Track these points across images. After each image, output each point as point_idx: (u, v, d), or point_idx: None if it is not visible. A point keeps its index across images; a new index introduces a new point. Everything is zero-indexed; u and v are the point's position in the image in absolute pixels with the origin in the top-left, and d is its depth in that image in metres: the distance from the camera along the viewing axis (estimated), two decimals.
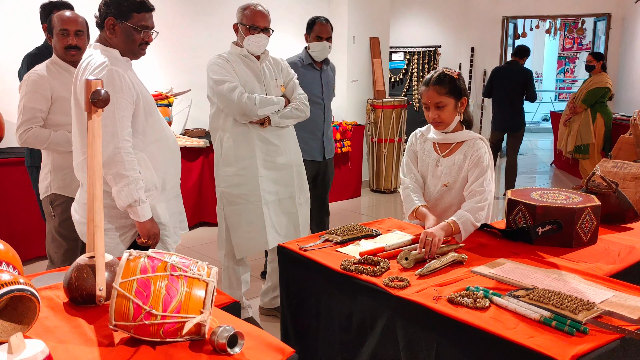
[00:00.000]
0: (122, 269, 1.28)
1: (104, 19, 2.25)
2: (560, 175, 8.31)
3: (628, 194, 2.61)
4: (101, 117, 2.09)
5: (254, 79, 3.10)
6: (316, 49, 3.91)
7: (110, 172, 2.18)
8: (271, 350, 1.32)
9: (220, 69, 3.01)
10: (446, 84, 2.41)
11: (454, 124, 2.49)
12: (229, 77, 3.00)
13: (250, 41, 3.03)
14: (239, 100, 2.95)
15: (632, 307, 1.65)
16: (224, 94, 2.97)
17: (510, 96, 6.57)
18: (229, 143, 3.10)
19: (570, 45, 15.84)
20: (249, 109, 2.97)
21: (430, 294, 1.77)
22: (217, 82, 2.99)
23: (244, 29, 3.04)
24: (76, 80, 2.24)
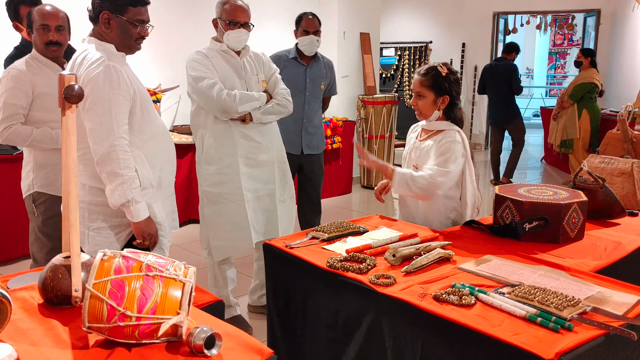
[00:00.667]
0: (96, 269, 1.25)
1: (99, 13, 2.20)
2: (550, 171, 8.33)
3: (615, 190, 2.60)
4: (97, 114, 2.10)
5: (234, 75, 3.04)
6: (304, 43, 3.94)
7: (104, 170, 2.13)
8: (250, 352, 1.29)
9: (198, 65, 2.95)
10: (430, 78, 2.53)
11: (433, 117, 2.59)
12: (208, 73, 2.94)
13: (230, 36, 2.97)
14: (219, 96, 2.89)
15: (617, 303, 1.64)
16: (203, 91, 2.91)
17: (499, 91, 6.88)
18: (209, 141, 3.03)
19: (560, 41, 15.89)
20: (229, 105, 2.91)
21: (416, 292, 1.75)
22: (195, 79, 2.93)
23: (224, 24, 2.98)
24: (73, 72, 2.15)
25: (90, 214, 2.28)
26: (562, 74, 15.94)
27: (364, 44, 7.00)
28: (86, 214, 2.27)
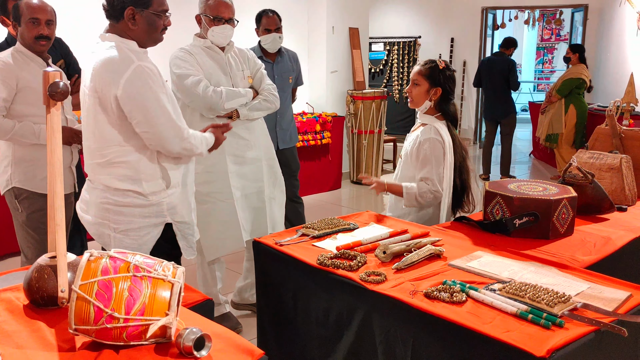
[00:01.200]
0: (82, 270, 1.23)
1: (122, 10, 2.11)
2: (538, 166, 8.37)
3: (604, 185, 2.61)
4: (153, 123, 2.07)
5: (219, 71, 3.00)
6: (267, 42, 4.00)
7: (190, 159, 2.32)
8: (240, 353, 1.28)
9: (183, 62, 2.91)
10: (427, 68, 2.68)
11: (424, 107, 2.72)
12: (192, 70, 2.90)
13: (214, 32, 2.93)
14: (204, 93, 2.85)
15: (608, 299, 1.64)
16: (188, 88, 2.86)
17: (496, 86, 6.95)
18: None
19: (548, 36, 15.94)
20: (215, 102, 2.87)
21: (407, 289, 1.74)
22: (180, 77, 2.89)
23: (208, 20, 2.93)
24: (98, 77, 2.07)
25: (117, 215, 2.22)
26: (550, 69, 16.00)
27: (353, 39, 6.98)
28: (112, 215, 2.22)
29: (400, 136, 9.62)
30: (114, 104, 2.07)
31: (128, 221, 2.22)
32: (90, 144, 2.19)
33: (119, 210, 2.21)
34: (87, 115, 2.17)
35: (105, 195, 2.20)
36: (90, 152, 2.20)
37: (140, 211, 2.22)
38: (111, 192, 2.20)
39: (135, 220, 2.23)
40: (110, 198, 2.20)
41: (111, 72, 2.05)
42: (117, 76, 2.04)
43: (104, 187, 2.19)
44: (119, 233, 2.23)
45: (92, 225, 2.26)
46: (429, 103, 2.70)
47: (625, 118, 3.26)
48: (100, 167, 2.18)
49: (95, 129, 2.15)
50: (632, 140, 2.88)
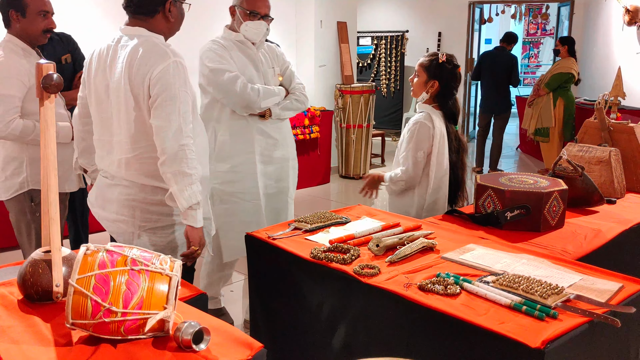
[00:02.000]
0: (79, 264, 1.22)
1: (160, 3, 2.09)
2: (525, 159, 8.43)
3: (593, 178, 2.64)
4: (167, 112, 2.01)
5: (252, 67, 2.88)
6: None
7: (171, 170, 2.02)
8: (239, 346, 1.27)
9: (217, 56, 2.78)
10: (428, 61, 2.73)
11: (422, 98, 2.77)
12: (228, 65, 2.77)
13: (248, 27, 2.80)
14: (242, 91, 2.74)
15: (600, 290, 1.66)
16: (225, 84, 2.75)
17: (497, 80, 6.99)
18: (224, 136, 2.87)
19: (534, 31, 16.02)
20: (253, 100, 2.77)
21: (401, 281, 1.75)
22: (215, 72, 2.76)
23: (243, 13, 2.79)
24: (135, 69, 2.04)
25: (145, 213, 2.16)
26: (536, 63, 16.10)
27: (341, 33, 6.97)
28: (138, 213, 2.16)
29: (388, 130, 9.66)
30: (148, 94, 2.04)
31: (156, 219, 2.17)
32: (120, 139, 2.13)
33: (147, 208, 2.15)
34: (117, 109, 2.11)
35: (131, 192, 2.13)
36: (119, 146, 2.13)
37: (169, 209, 2.17)
38: (139, 189, 2.13)
39: (163, 218, 2.18)
40: (137, 195, 2.14)
41: (148, 64, 2.03)
42: (154, 65, 2.02)
43: (130, 183, 2.13)
44: (145, 231, 2.17)
45: (113, 223, 2.19)
46: (426, 95, 2.75)
47: (612, 112, 3.29)
48: (129, 162, 2.12)
49: (127, 122, 2.09)
50: (621, 133, 2.91)
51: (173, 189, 2.03)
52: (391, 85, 10.19)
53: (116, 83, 2.09)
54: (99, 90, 2.16)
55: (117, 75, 2.09)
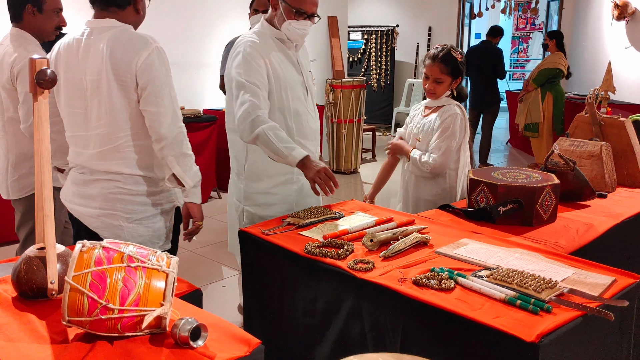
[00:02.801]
0: (75, 261, 1.21)
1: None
2: (515, 154, 8.48)
3: (585, 172, 2.65)
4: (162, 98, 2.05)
5: (292, 69, 2.56)
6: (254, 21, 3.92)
7: (173, 153, 2.08)
8: (236, 342, 1.27)
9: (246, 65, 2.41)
10: (450, 65, 2.73)
11: (444, 97, 2.82)
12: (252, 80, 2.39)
13: (291, 27, 2.48)
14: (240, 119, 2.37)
15: (593, 284, 1.67)
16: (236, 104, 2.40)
17: (484, 74, 7.00)
18: (258, 154, 2.53)
19: (523, 25, 16.09)
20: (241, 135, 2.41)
21: (395, 276, 1.76)
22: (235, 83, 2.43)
23: (287, 9, 2.46)
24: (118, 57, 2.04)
25: (130, 205, 2.17)
26: (525, 57, 16.18)
27: (332, 27, 6.96)
28: (123, 205, 2.16)
29: (379, 125, 9.67)
30: (135, 81, 2.06)
31: (141, 210, 2.18)
32: (100, 131, 2.11)
33: (131, 199, 2.16)
34: (97, 102, 2.10)
35: (114, 184, 2.14)
36: (99, 139, 2.12)
37: (153, 199, 2.20)
38: (122, 181, 2.14)
39: (148, 207, 2.20)
40: (121, 187, 2.14)
41: (132, 50, 2.04)
42: (140, 51, 2.04)
43: (113, 176, 2.14)
44: (132, 222, 2.18)
45: (97, 218, 2.18)
46: (449, 92, 2.82)
47: (603, 106, 3.32)
48: (110, 153, 2.13)
49: (107, 113, 2.09)
50: (611, 127, 2.93)
51: (176, 170, 2.10)
52: (382, 80, 10.20)
53: (95, 75, 2.07)
54: (69, 86, 2.14)
55: (95, 67, 2.07)
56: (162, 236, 2.26)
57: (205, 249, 4.51)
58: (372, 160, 7.87)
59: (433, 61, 2.75)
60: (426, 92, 2.83)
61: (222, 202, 5.91)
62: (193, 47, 6.26)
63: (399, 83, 10.05)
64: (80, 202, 2.20)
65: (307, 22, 2.50)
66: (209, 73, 6.39)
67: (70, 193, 2.24)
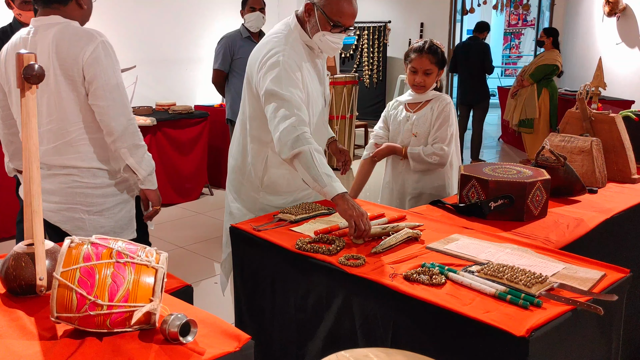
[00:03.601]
0: (64, 257, 1.20)
1: None
2: (507, 150, 8.51)
3: (575, 167, 2.66)
4: (109, 91, 2.09)
5: (317, 80, 2.42)
6: (250, 19, 3.99)
7: (125, 145, 2.13)
8: (226, 338, 1.27)
9: (286, 76, 2.21)
10: (437, 55, 2.79)
11: (431, 89, 2.86)
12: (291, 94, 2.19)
13: (325, 38, 2.30)
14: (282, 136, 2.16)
15: (582, 279, 1.68)
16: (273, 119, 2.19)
17: (472, 70, 7.01)
18: (279, 169, 2.44)
19: (515, 22, 16.14)
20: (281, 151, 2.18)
21: (386, 272, 1.76)
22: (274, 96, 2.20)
23: (323, 20, 2.27)
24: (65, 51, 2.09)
25: (90, 198, 2.21)
26: (517, 53, 16.23)
27: None
28: (83, 198, 2.20)
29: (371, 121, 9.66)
30: (82, 75, 2.10)
31: (101, 202, 2.22)
32: (52, 126, 2.15)
33: (90, 192, 2.20)
34: (46, 98, 2.13)
35: (72, 179, 2.18)
36: (51, 134, 2.15)
37: (112, 190, 2.24)
38: (80, 175, 2.18)
39: (109, 199, 2.24)
40: (79, 181, 2.18)
41: (78, 45, 2.07)
42: (85, 46, 2.07)
43: (70, 170, 2.18)
44: (93, 215, 2.22)
45: (57, 212, 2.21)
46: (435, 84, 2.87)
47: (593, 102, 3.33)
48: (64, 147, 2.16)
49: (57, 108, 2.12)
50: (602, 123, 2.94)
51: (130, 162, 2.19)
52: (374, 76, 10.20)
53: None
54: None
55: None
56: (124, 226, 2.31)
57: (197, 246, 4.51)
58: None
59: (421, 53, 2.78)
60: (415, 87, 2.85)
61: (214, 199, 5.90)
62: (183, 43, 6.24)
63: (391, 79, 10.06)
64: None
65: (342, 35, 2.34)
66: (200, 69, 6.36)
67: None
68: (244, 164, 2.50)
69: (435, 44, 2.81)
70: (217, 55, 4.61)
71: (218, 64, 4.59)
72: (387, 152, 2.93)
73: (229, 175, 2.58)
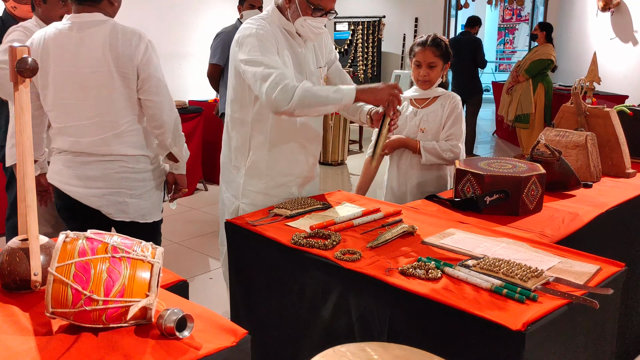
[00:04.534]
0: (59, 252, 1.19)
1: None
2: (501, 145, 8.52)
3: (570, 162, 2.67)
4: (164, 87, 2.32)
5: (295, 66, 2.38)
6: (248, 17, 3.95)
7: (172, 136, 2.37)
8: (223, 332, 1.27)
9: (259, 45, 2.20)
10: (440, 48, 2.76)
11: (436, 84, 2.83)
12: (267, 58, 2.18)
13: (306, 24, 2.30)
14: (269, 91, 2.14)
15: (578, 273, 1.68)
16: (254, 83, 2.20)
17: (464, 65, 7.01)
18: (261, 152, 2.44)
19: (509, 17, 16.14)
20: (280, 105, 2.15)
21: (382, 266, 1.76)
22: (250, 63, 2.21)
23: (304, 5, 2.27)
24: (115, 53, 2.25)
25: (134, 182, 2.40)
26: (511, 49, 16.23)
27: None
28: (127, 183, 2.39)
29: None
30: (134, 74, 2.27)
31: (142, 185, 2.42)
32: (98, 119, 2.29)
33: (134, 177, 2.39)
34: (96, 92, 2.27)
35: (118, 165, 2.35)
36: (97, 127, 2.30)
37: (150, 174, 2.45)
38: (126, 161, 2.36)
39: (147, 183, 2.44)
40: (125, 167, 2.36)
41: (131, 45, 2.24)
42: (137, 46, 2.25)
43: (117, 156, 2.34)
44: (135, 198, 2.41)
45: (101, 197, 2.35)
46: (441, 80, 2.84)
47: (588, 96, 3.33)
48: (113, 138, 2.32)
49: (107, 102, 2.28)
50: (597, 118, 2.95)
51: (173, 150, 2.43)
52: (368, 71, 10.18)
53: (94, 67, 2.24)
54: (59, 79, 2.26)
55: (94, 59, 2.23)
56: (157, 207, 2.51)
57: (192, 241, 4.50)
58: (359, 151, 7.88)
59: (424, 46, 2.76)
60: (420, 81, 2.81)
61: (208, 194, 5.89)
62: (176, 38, 6.21)
63: (386, 74, 10.05)
64: (80, 184, 2.35)
65: (323, 20, 2.33)
66: (193, 64, 6.34)
67: (66, 177, 2.36)
68: (229, 151, 2.55)
69: (438, 37, 2.79)
70: (214, 50, 4.60)
71: (216, 59, 4.59)
72: (398, 145, 2.84)
73: (222, 166, 2.63)
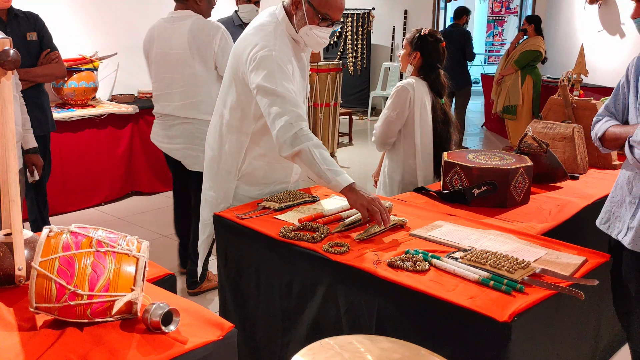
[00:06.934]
0: (42, 246, 1.18)
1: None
2: (490, 137, 8.54)
3: (557, 154, 2.68)
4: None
5: (300, 74, 2.35)
6: (245, 10, 4.02)
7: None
8: (209, 326, 1.26)
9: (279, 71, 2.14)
10: (411, 34, 2.90)
11: (408, 71, 2.92)
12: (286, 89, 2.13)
13: (312, 32, 2.25)
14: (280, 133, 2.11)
15: (564, 264, 1.69)
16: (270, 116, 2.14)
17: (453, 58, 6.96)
18: (258, 161, 2.39)
19: (498, 9, 16.15)
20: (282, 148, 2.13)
21: (371, 259, 1.76)
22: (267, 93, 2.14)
23: (311, 12, 2.21)
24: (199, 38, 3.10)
25: (201, 140, 2.86)
26: (500, 41, 16.25)
27: None
28: (198, 141, 3.12)
29: (355, 109, 9.65)
30: (212, 57, 3.11)
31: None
32: (183, 89, 3.17)
33: (202, 136, 2.78)
34: (181, 71, 3.15)
35: (195, 127, 3.19)
36: (182, 95, 3.18)
37: None
38: (197, 124, 3.18)
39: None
40: (199, 128, 3.15)
41: (209, 35, 3.09)
42: (214, 36, 3.09)
43: (191, 120, 3.20)
44: (201, 153, 2.87)
45: (181, 151, 3.25)
46: (411, 67, 2.89)
47: (575, 89, 3.34)
48: (191, 105, 3.18)
49: (190, 79, 3.15)
50: (584, 110, 2.96)
51: None
52: (358, 64, 10.15)
53: (181, 50, 3.11)
54: (158, 58, 3.21)
55: (180, 47, 3.11)
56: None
57: None
58: (349, 144, 7.86)
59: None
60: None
61: None
62: None
63: (375, 66, 10.03)
64: (167, 141, 3.30)
65: (329, 30, 2.29)
66: None
67: (160, 135, 3.34)
68: (220, 153, 2.44)
69: (420, 29, 2.86)
70: None
71: None
72: None
73: (206, 164, 2.53)
